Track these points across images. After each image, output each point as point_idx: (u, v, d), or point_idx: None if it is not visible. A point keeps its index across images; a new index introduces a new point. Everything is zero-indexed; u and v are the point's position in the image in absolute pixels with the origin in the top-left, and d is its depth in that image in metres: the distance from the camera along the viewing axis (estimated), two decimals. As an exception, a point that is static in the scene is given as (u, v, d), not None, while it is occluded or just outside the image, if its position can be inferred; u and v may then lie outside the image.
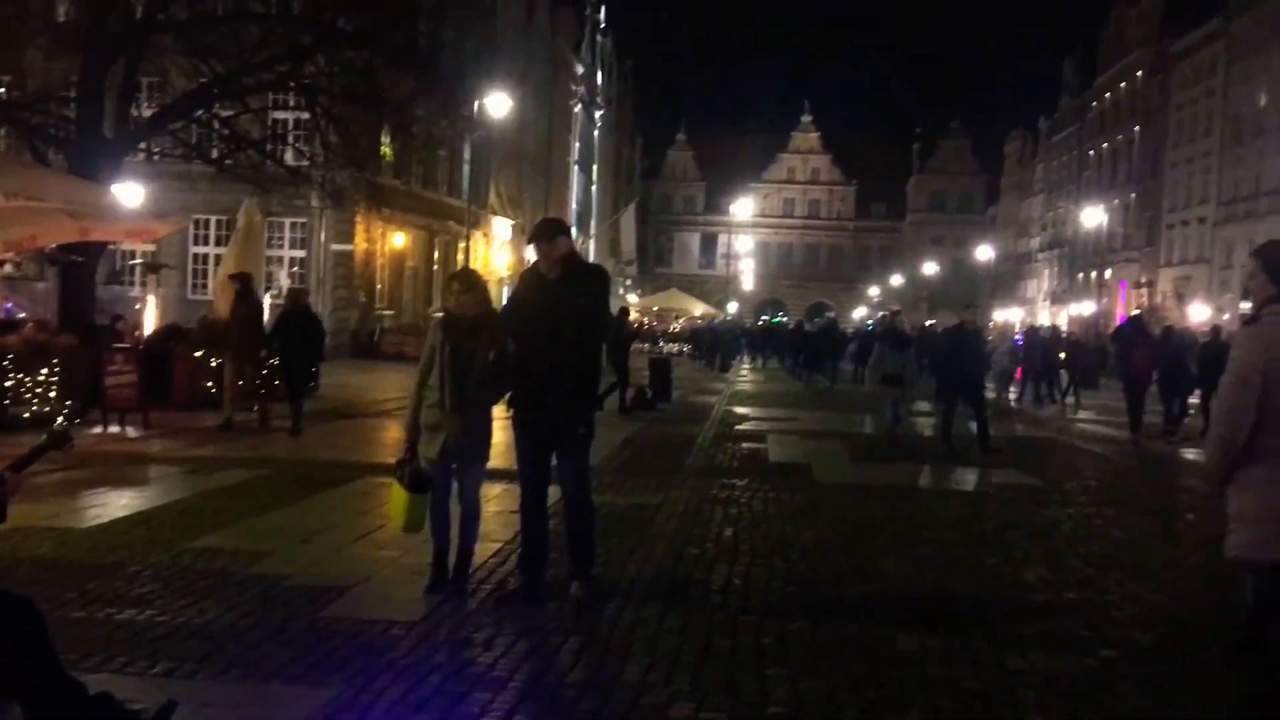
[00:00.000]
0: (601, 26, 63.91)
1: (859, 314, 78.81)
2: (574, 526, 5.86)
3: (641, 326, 39.20)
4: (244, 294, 13.49)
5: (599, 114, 63.62)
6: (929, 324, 40.47)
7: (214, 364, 14.38)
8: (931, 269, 79.84)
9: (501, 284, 37.44)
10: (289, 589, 5.80)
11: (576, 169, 57.45)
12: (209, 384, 14.55)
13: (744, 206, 76.70)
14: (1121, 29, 58.14)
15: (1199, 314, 39.28)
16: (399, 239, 32.40)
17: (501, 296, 28.66)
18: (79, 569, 6.07)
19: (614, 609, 5.63)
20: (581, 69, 57.63)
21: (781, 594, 6.19)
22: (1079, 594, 6.44)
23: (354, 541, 7.10)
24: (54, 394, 12.34)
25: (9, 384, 11.93)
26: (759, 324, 54.52)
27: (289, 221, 28.61)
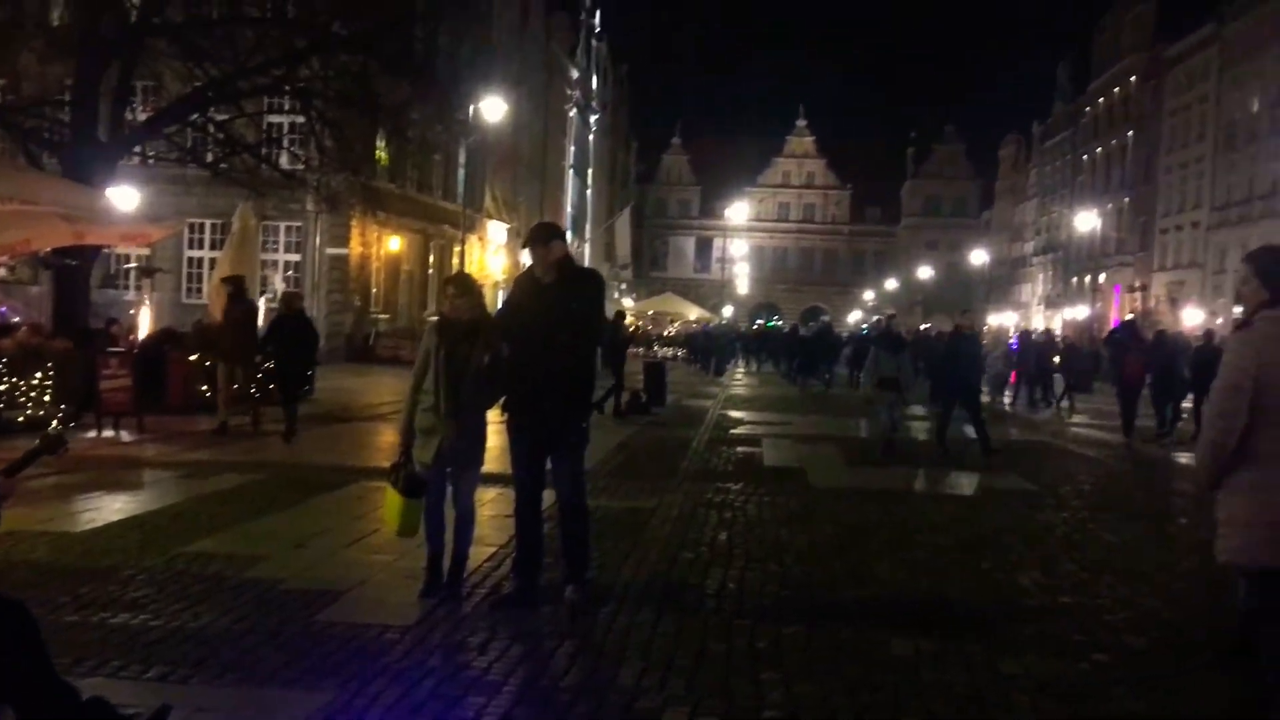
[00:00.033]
0: (596, 31, 63.96)
1: (854, 318, 78.83)
2: (569, 530, 5.86)
3: (637, 330, 39.18)
4: (236, 297, 13.49)
5: (594, 118, 63.65)
6: (924, 328, 40.55)
7: (208, 366, 14.34)
8: (926, 273, 79.97)
9: (496, 288, 37.43)
10: (283, 593, 5.80)
11: (571, 173, 57.46)
12: (203, 388, 14.53)
13: (739, 210, 76.80)
14: (1115, 34, 58.31)
15: (1192, 318, 39.38)
16: (394, 243, 32.41)
17: (496, 300, 28.69)
18: (73, 573, 6.06)
19: (608, 613, 5.64)
20: (576, 73, 57.66)
21: (776, 598, 6.20)
22: (1073, 598, 6.47)
23: (348, 546, 7.10)
24: (48, 398, 12.33)
25: (3, 388, 11.90)
26: (754, 328, 54.54)
27: (284, 225, 28.60)
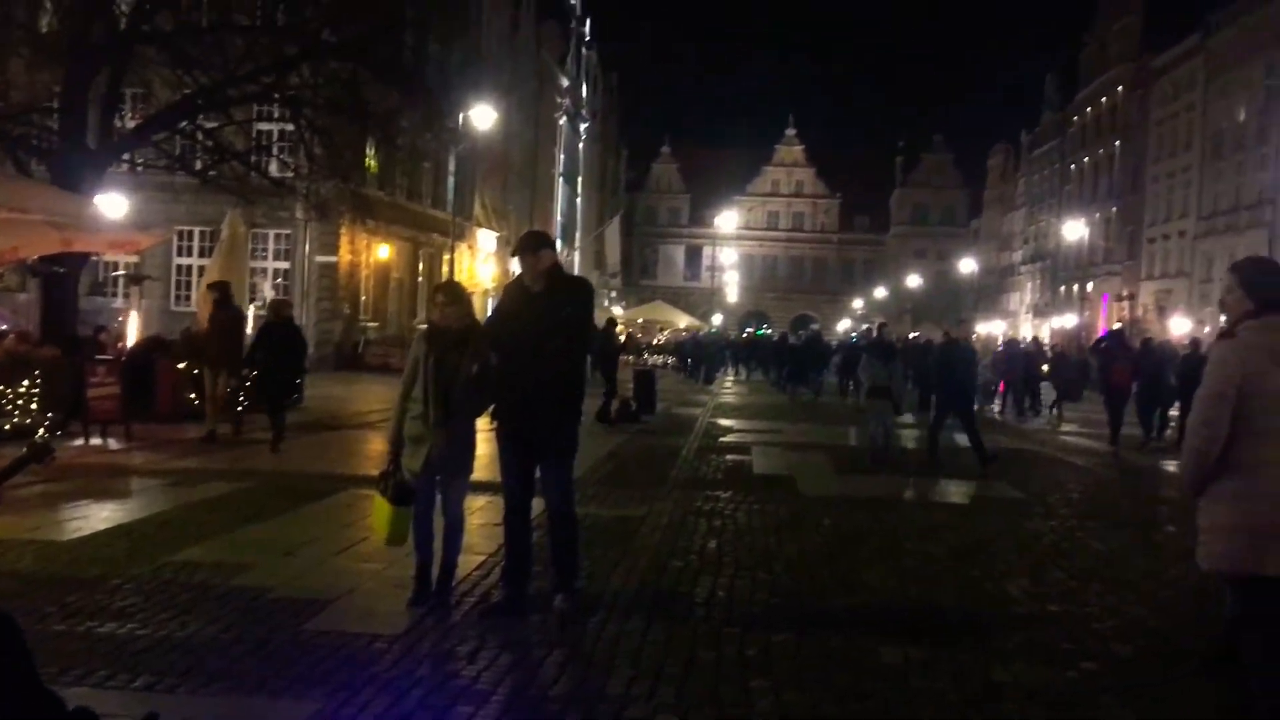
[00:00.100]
0: (586, 39, 64.10)
1: (843, 326, 79.06)
2: (558, 539, 5.86)
3: (629, 338, 39.19)
4: (222, 303, 13.42)
5: (584, 126, 63.74)
6: (913, 336, 40.65)
7: (196, 374, 14.29)
8: (915, 281, 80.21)
9: (486, 296, 37.42)
10: (271, 602, 5.78)
11: (561, 181, 57.51)
12: (192, 396, 14.47)
13: (728, 219, 76.95)
14: (1102, 45, 58.65)
15: (1180, 327, 39.52)
16: (384, 251, 32.38)
17: (486, 308, 28.67)
18: (59, 582, 6.03)
19: (598, 622, 5.63)
20: (567, 82, 57.74)
21: (765, 606, 6.20)
22: (1061, 606, 6.48)
23: (337, 554, 7.08)
24: (35, 406, 12.27)
25: (-10, 396, 11.86)
26: (743, 336, 54.62)
27: (273, 233, 28.55)
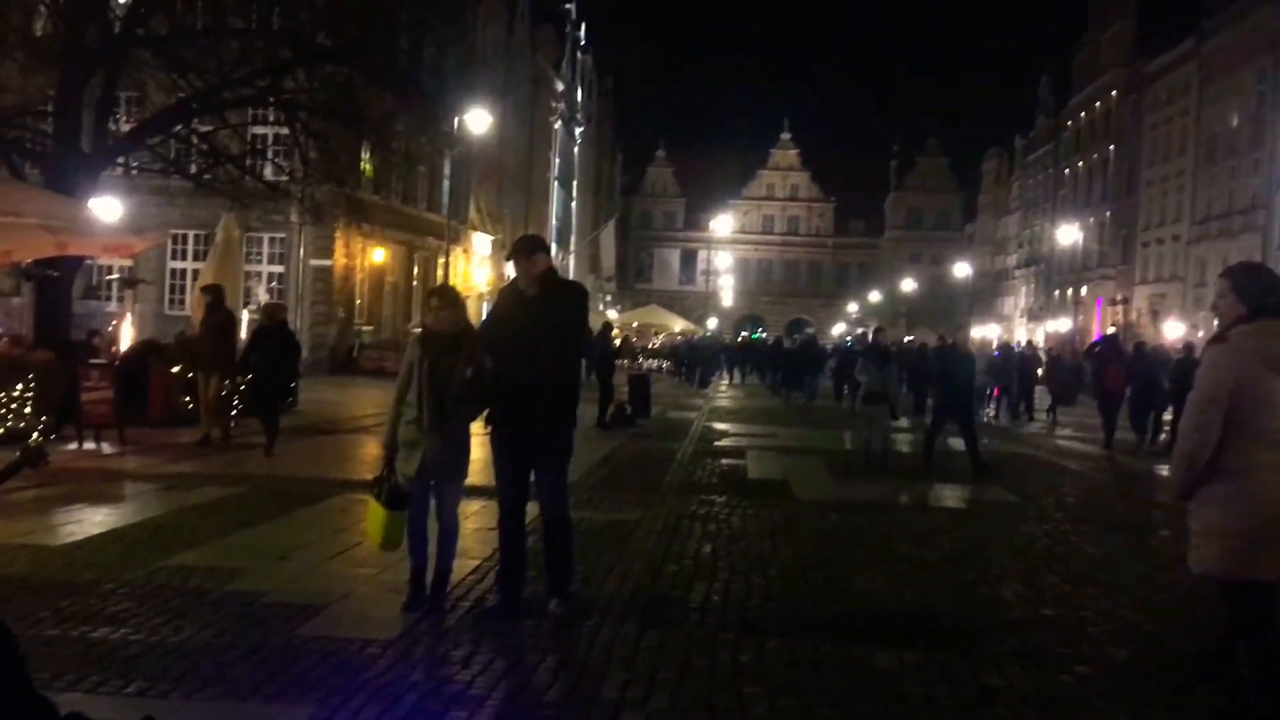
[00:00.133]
0: (582, 44, 64.11)
1: (838, 330, 79.08)
2: (552, 543, 5.85)
3: (625, 342, 39.19)
4: (214, 306, 13.40)
5: (579, 130, 63.75)
6: (908, 340, 40.68)
7: (190, 378, 14.27)
8: (910, 285, 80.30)
9: (481, 300, 37.40)
10: (265, 607, 5.76)
11: (556, 185, 57.50)
12: (186, 400, 14.45)
13: (723, 223, 77.00)
14: (1095, 50, 58.78)
15: (1174, 331, 39.63)
16: (378, 254, 32.36)
17: (481, 312, 28.64)
18: (53, 587, 6.02)
19: (592, 626, 5.63)
20: (562, 86, 57.76)
21: (760, 611, 6.20)
22: (1055, 610, 6.49)
23: (331, 559, 7.07)
24: (29, 410, 12.24)
25: (-17, 400, 11.83)
26: (738, 340, 54.63)
27: (268, 237, 28.52)
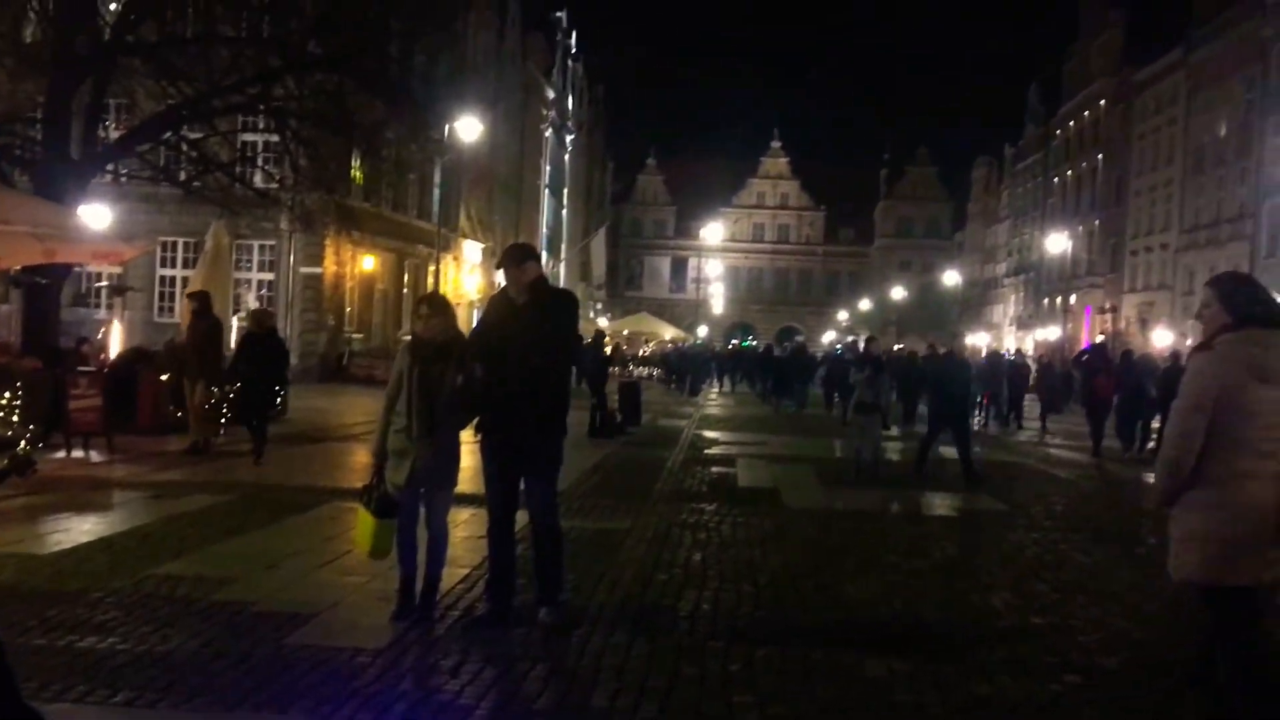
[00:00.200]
0: (573, 52, 64.22)
1: (828, 338, 79.23)
2: (542, 552, 5.84)
3: (615, 350, 39.16)
4: (201, 313, 13.36)
5: (570, 138, 63.83)
6: (898, 348, 40.73)
7: (176, 386, 14.21)
8: (900, 294, 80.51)
9: (472, 307, 37.37)
10: (254, 616, 5.74)
11: (547, 193, 57.54)
12: (174, 408, 14.40)
13: (714, 231, 76.98)
14: (1084, 59, 59.07)
15: (1162, 339, 39.76)
16: (369, 262, 32.31)
17: (471, 320, 28.61)
18: (40, 596, 5.98)
19: (582, 635, 5.62)
20: (553, 93, 57.84)
21: (750, 619, 6.20)
22: (1045, 619, 6.50)
23: (320, 567, 7.04)
24: (16, 418, 12.16)
25: (-30, 408, 11.76)
26: (729, 348, 54.66)
27: (257, 244, 28.47)
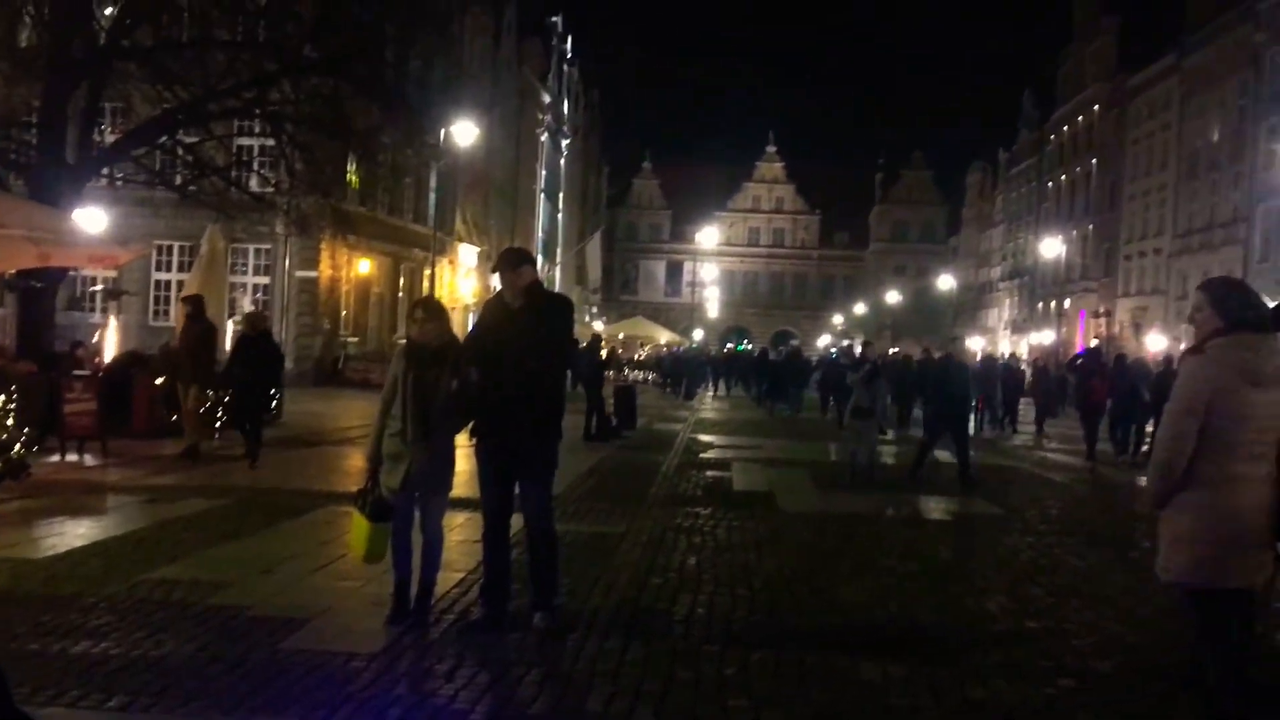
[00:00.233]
0: (568, 56, 64.26)
1: (823, 342, 79.27)
2: (537, 556, 5.84)
3: (611, 354, 39.12)
4: (195, 316, 13.33)
5: (565, 143, 63.85)
6: (893, 352, 40.80)
7: (170, 390, 14.18)
8: (894, 298, 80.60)
9: (467, 311, 37.36)
10: (249, 620, 5.74)
11: (543, 197, 57.56)
12: (169, 412, 14.37)
13: (709, 235, 77.16)
14: (1078, 64, 59.23)
15: (1156, 343, 39.82)
16: (364, 266, 32.31)
17: (467, 324, 28.59)
18: (34, 600, 5.98)
19: (576, 639, 5.62)
20: (548, 98, 57.87)
21: (745, 623, 6.20)
22: (1039, 622, 6.51)
23: (315, 571, 7.04)
24: (11, 422, 12.13)
25: (-36, 412, 11.72)
26: (724, 352, 54.66)
27: (253, 248, 28.46)
